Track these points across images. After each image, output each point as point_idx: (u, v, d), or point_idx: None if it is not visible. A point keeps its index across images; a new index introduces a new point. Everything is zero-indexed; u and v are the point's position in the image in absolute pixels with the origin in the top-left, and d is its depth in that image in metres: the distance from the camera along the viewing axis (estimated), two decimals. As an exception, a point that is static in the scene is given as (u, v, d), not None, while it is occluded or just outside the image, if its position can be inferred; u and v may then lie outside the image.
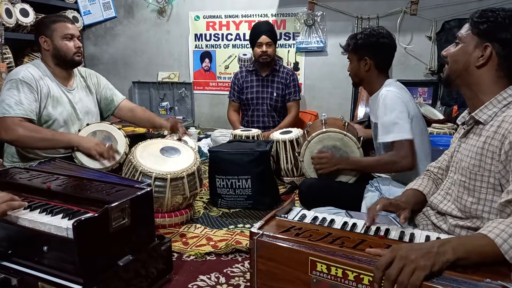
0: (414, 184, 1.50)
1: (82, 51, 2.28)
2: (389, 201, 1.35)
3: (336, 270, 1.00)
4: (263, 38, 3.27)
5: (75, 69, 2.39)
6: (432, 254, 0.93)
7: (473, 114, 1.24)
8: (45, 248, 1.24)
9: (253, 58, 3.49)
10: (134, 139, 2.30)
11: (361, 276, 0.97)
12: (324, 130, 2.16)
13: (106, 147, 2.13)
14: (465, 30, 1.27)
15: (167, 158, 2.11)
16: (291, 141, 2.76)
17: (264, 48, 3.27)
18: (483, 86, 1.23)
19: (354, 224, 1.25)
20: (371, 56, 1.98)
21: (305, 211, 1.35)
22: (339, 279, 1.00)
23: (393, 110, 1.86)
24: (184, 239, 1.95)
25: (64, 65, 2.27)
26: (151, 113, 2.75)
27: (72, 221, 1.20)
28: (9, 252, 1.32)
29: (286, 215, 1.30)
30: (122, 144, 2.21)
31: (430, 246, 0.96)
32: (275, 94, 3.39)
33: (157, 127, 2.56)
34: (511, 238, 0.94)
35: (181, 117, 4.49)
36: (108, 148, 2.14)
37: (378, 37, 1.98)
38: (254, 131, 3.00)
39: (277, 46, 3.97)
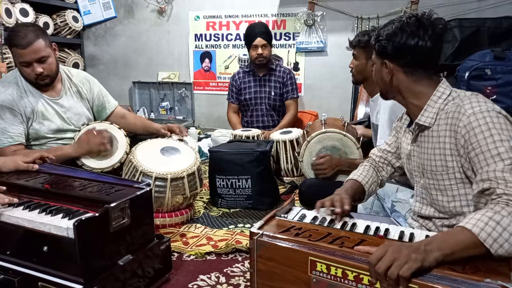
0: (355, 173, 1.53)
1: (47, 74, 2.06)
2: (333, 198, 1.35)
3: (336, 270, 1.00)
4: (258, 41, 3.25)
5: (63, 73, 2.25)
6: (421, 251, 0.94)
7: (416, 120, 1.29)
8: (45, 248, 1.24)
9: (250, 59, 3.49)
10: (134, 139, 2.30)
11: (361, 276, 0.97)
12: (323, 130, 2.16)
13: (98, 142, 2.08)
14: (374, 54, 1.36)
15: (167, 158, 2.11)
16: (291, 141, 2.76)
17: (259, 50, 3.26)
18: (410, 93, 1.29)
19: (354, 224, 1.25)
20: None
21: (305, 211, 1.35)
22: (338, 279, 1.00)
23: (393, 114, 1.85)
24: (184, 239, 1.95)
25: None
26: (145, 119, 2.63)
27: (72, 221, 1.20)
28: (9, 252, 1.33)
29: (286, 215, 1.30)
30: (122, 144, 2.21)
31: (418, 244, 0.98)
32: (273, 94, 3.39)
33: (153, 133, 2.46)
34: (487, 226, 0.96)
35: (181, 117, 4.50)
36: (100, 142, 2.09)
37: None
38: (254, 131, 3.00)
39: (277, 46, 3.98)
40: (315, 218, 1.29)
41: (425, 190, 1.34)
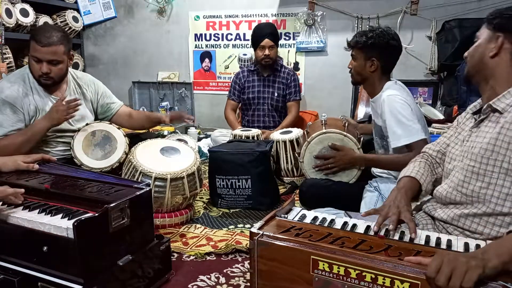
0: (412, 170, 1.43)
1: (52, 76, 2.08)
2: (397, 214, 1.26)
3: (338, 268, 1.00)
4: (266, 42, 3.25)
5: (69, 74, 2.26)
6: (479, 260, 0.90)
7: (490, 102, 1.25)
8: (45, 248, 1.24)
9: (254, 58, 3.49)
10: (134, 139, 2.30)
11: (363, 273, 0.97)
12: (324, 130, 2.15)
13: (65, 106, 2.06)
14: (482, 28, 1.32)
15: (167, 158, 2.11)
16: (291, 141, 2.76)
17: (266, 51, 3.26)
18: (500, 78, 1.25)
19: (354, 225, 1.25)
20: (379, 57, 1.95)
21: (305, 211, 1.35)
22: (341, 277, 1.00)
23: (399, 114, 1.84)
24: (184, 239, 1.95)
25: None
26: (145, 112, 2.65)
27: (72, 221, 1.20)
28: (9, 252, 1.32)
29: (286, 215, 1.30)
30: (122, 143, 2.21)
31: (474, 253, 0.94)
32: (276, 94, 3.39)
33: (156, 123, 2.45)
34: None
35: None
36: (67, 105, 2.06)
37: (388, 38, 1.93)
38: (254, 131, 3.00)
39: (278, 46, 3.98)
40: (315, 218, 1.29)
41: (458, 173, 1.30)
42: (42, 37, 2.01)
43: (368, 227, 1.23)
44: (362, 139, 2.21)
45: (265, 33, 3.28)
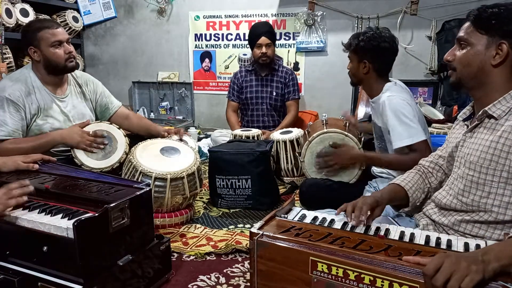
0: (398, 178, 1.47)
1: (74, 55, 2.17)
2: (370, 202, 1.30)
3: (337, 269, 1.00)
4: (263, 40, 3.25)
5: (70, 74, 2.29)
6: (479, 262, 0.90)
7: (486, 108, 1.22)
8: (45, 248, 1.24)
9: (253, 58, 3.49)
10: (134, 139, 2.29)
11: (362, 275, 0.97)
12: (325, 130, 2.16)
13: (91, 138, 2.12)
14: (468, 30, 1.24)
15: (167, 158, 2.11)
16: (291, 141, 2.76)
17: (263, 49, 3.26)
18: (496, 85, 1.21)
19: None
20: (370, 60, 1.95)
21: (305, 211, 1.35)
22: (340, 278, 1.00)
23: (401, 114, 1.84)
24: (184, 239, 1.95)
25: (57, 73, 2.17)
26: (147, 121, 2.63)
27: (72, 221, 1.20)
28: (9, 252, 1.32)
29: (286, 215, 1.30)
30: (122, 143, 2.21)
31: (474, 255, 0.93)
32: (274, 94, 3.39)
33: (153, 136, 2.45)
34: None
35: (181, 117, 4.49)
36: (93, 138, 2.12)
37: (379, 41, 1.93)
38: (255, 131, 3.00)
39: (277, 46, 3.98)
40: (315, 218, 1.29)
41: (457, 181, 1.29)
42: (50, 23, 2.14)
43: (368, 227, 1.23)
44: (363, 139, 2.21)
45: (262, 31, 3.28)
